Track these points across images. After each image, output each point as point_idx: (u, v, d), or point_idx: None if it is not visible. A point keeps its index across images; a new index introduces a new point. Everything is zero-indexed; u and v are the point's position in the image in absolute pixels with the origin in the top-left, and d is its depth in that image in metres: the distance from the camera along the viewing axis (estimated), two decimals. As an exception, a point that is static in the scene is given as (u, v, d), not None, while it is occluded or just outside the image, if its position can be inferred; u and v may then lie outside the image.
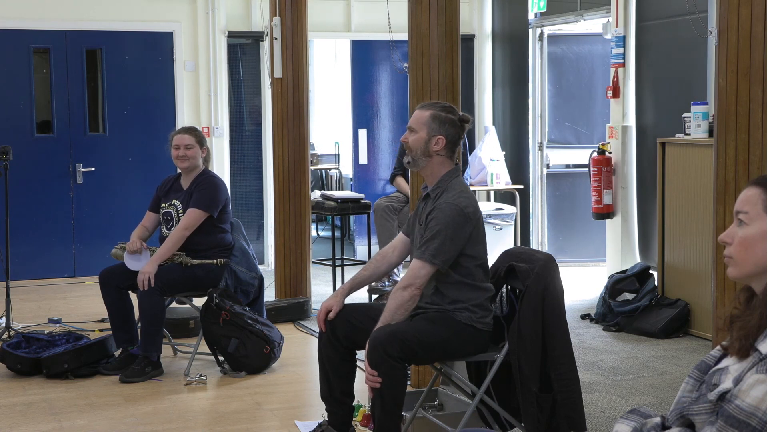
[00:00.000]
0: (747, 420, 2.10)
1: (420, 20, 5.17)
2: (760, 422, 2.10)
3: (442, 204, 4.07)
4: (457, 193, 4.12)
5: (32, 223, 8.96)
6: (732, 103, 3.74)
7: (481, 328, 4.09)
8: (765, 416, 2.10)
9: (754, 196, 2.23)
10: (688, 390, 2.34)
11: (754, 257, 2.21)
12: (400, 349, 3.87)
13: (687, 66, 7.60)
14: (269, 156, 9.16)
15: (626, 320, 6.80)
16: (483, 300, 4.11)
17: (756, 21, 3.63)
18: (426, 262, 4.01)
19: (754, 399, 2.10)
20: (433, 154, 4.15)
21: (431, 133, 4.14)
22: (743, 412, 2.11)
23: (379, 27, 8.32)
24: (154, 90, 9.36)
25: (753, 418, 2.09)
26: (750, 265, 2.22)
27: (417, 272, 4.02)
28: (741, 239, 2.23)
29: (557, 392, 4.00)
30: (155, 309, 5.59)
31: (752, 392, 2.11)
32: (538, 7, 9.38)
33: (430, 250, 4.01)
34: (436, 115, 4.17)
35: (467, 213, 4.06)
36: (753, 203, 2.22)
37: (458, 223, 4.03)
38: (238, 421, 4.90)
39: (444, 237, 4.01)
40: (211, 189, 5.84)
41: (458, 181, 4.20)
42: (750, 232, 2.22)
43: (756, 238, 2.20)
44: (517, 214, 9.46)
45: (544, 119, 9.62)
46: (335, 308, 4.18)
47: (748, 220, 2.23)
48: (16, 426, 4.85)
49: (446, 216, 4.03)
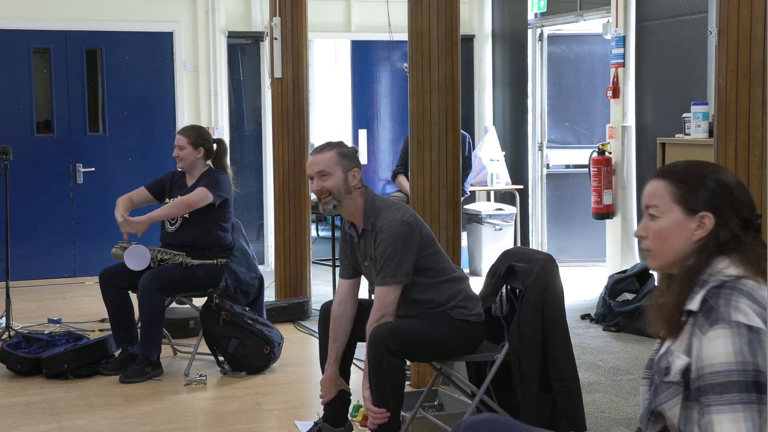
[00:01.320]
0: (727, 379, 2.10)
1: (420, 20, 5.17)
2: (740, 372, 2.10)
3: (384, 226, 4.05)
4: (390, 209, 4.11)
5: (32, 223, 8.96)
6: (732, 103, 3.74)
7: (474, 320, 4.11)
8: (743, 362, 2.10)
9: (660, 188, 2.32)
10: (645, 391, 2.36)
11: (670, 247, 2.31)
12: (400, 345, 3.90)
13: (687, 66, 7.60)
14: (269, 156, 9.17)
15: (626, 320, 6.80)
16: (466, 291, 4.15)
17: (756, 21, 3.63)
18: (389, 286, 4.02)
19: (721, 356, 2.12)
20: (352, 190, 4.14)
21: (346, 169, 4.13)
22: (719, 374, 2.12)
23: (379, 27, 8.32)
24: (154, 90, 9.36)
25: (732, 374, 2.10)
26: (669, 255, 2.31)
27: (384, 299, 4.03)
28: (655, 232, 2.32)
29: (557, 392, 4.00)
30: (155, 308, 5.59)
31: (715, 352, 2.13)
32: (538, 7, 9.38)
33: (390, 273, 4.01)
34: (340, 152, 4.15)
35: (409, 222, 4.06)
36: (660, 195, 2.31)
37: (404, 234, 4.03)
38: (238, 421, 4.90)
39: (398, 254, 4.01)
40: (216, 179, 5.84)
41: (380, 199, 4.20)
42: (663, 224, 2.31)
43: (670, 229, 2.30)
44: (517, 214, 9.46)
45: (544, 119, 9.62)
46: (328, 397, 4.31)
47: (658, 213, 2.31)
48: (16, 426, 4.85)
49: (390, 235, 4.02)
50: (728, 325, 2.13)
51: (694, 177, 2.30)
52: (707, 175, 2.29)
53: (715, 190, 2.27)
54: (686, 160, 2.40)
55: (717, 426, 2.09)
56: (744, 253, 2.25)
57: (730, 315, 2.14)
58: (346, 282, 4.30)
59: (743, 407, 2.08)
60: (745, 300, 2.16)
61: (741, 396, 2.09)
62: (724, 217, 2.26)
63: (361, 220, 4.15)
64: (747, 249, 2.25)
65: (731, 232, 2.25)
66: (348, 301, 4.27)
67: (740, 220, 2.27)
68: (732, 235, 2.25)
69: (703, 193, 2.27)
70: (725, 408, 2.09)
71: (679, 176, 2.31)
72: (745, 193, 2.31)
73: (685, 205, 2.28)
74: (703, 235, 2.26)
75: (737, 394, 2.09)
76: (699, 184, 2.28)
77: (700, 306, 2.20)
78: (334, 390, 4.29)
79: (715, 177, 2.29)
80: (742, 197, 2.29)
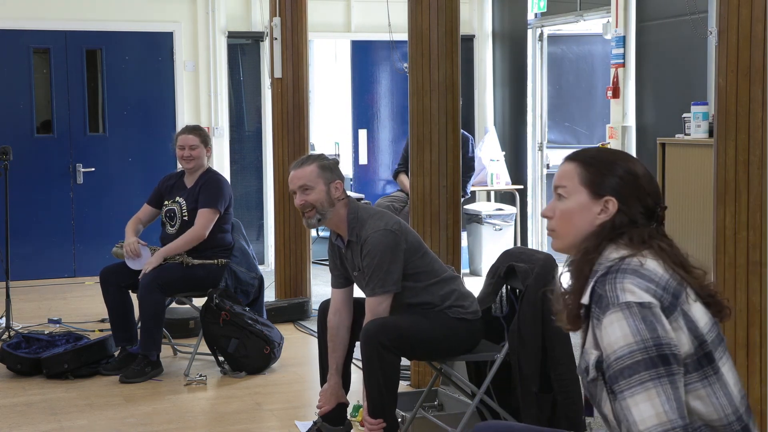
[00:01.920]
0: (630, 361, 2.10)
1: (420, 20, 5.17)
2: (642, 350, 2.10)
3: (369, 237, 4.06)
4: (373, 218, 4.11)
5: (32, 223, 8.95)
6: (732, 103, 3.74)
7: (471, 318, 4.13)
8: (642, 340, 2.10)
9: (570, 171, 2.36)
10: None
11: (574, 228, 2.33)
12: (393, 339, 3.91)
13: (687, 66, 7.60)
14: (269, 156, 9.16)
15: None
16: (459, 289, 4.16)
17: (756, 21, 3.63)
18: (379, 296, 4.04)
19: (619, 341, 2.12)
20: (335, 202, 4.14)
21: (328, 182, 4.13)
22: (622, 358, 2.12)
23: (379, 27, 8.31)
24: (154, 90, 9.36)
25: (634, 354, 2.10)
26: (571, 236, 2.34)
27: (375, 310, 4.05)
28: (561, 212, 2.36)
29: (557, 392, 4.00)
30: (156, 308, 5.59)
31: (612, 338, 2.13)
32: (538, 7, 9.38)
33: (379, 283, 4.03)
34: (321, 165, 4.16)
35: (393, 230, 4.07)
36: (570, 177, 2.35)
37: (389, 244, 4.04)
38: (238, 421, 4.90)
39: (386, 264, 4.02)
40: (217, 187, 5.85)
41: (364, 209, 4.20)
42: (569, 205, 2.34)
43: (575, 210, 2.33)
44: (517, 214, 9.46)
45: (543, 119, 9.62)
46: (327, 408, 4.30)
47: (566, 193, 2.35)
48: (17, 426, 4.85)
49: (377, 245, 4.03)
50: (618, 308, 2.15)
51: (604, 162, 2.33)
52: (616, 162, 2.33)
53: (622, 177, 2.30)
54: (590, 149, 2.45)
55: (633, 408, 2.09)
56: (630, 236, 2.27)
57: (618, 297, 2.16)
58: (339, 291, 4.31)
59: (653, 383, 2.08)
60: (630, 278, 2.18)
61: (649, 373, 2.09)
62: (627, 204, 2.29)
63: (346, 232, 4.15)
64: (634, 232, 2.28)
65: (630, 218, 2.29)
66: (343, 310, 4.28)
67: (643, 208, 2.31)
68: (629, 220, 2.29)
69: (611, 179, 2.30)
70: (637, 389, 2.09)
71: (589, 160, 2.35)
72: (652, 184, 2.35)
73: (591, 189, 2.31)
74: (605, 219, 2.29)
75: (645, 372, 2.09)
76: (608, 170, 2.32)
77: (590, 297, 2.23)
78: (334, 401, 4.30)
79: (624, 165, 2.33)
80: (647, 187, 2.33)
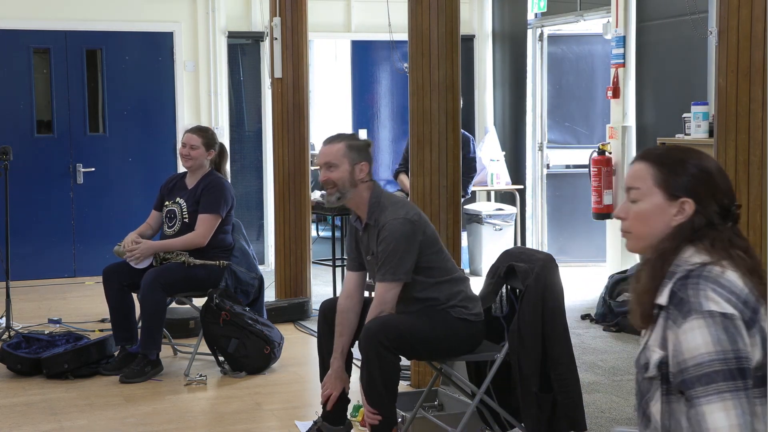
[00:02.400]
0: (710, 370, 2.10)
1: (420, 20, 5.17)
2: (722, 361, 2.10)
3: (387, 223, 4.06)
4: (394, 206, 4.12)
5: (32, 223, 8.95)
6: (732, 103, 3.74)
7: (473, 320, 4.12)
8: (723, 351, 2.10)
9: (642, 171, 2.33)
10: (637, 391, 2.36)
11: (650, 230, 2.31)
12: (392, 339, 3.89)
13: (687, 66, 7.60)
14: (269, 156, 9.17)
15: (626, 320, 6.80)
16: (467, 291, 4.15)
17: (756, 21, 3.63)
18: (389, 283, 4.03)
19: (700, 348, 2.12)
20: (358, 183, 4.15)
21: (353, 162, 4.14)
22: (701, 366, 2.11)
23: (379, 27, 8.32)
24: (154, 90, 9.36)
25: (714, 363, 2.10)
26: (648, 238, 2.32)
27: (384, 296, 4.04)
28: (636, 214, 2.33)
29: (557, 392, 4.00)
30: (158, 307, 5.59)
31: (692, 344, 2.13)
32: (538, 7, 9.38)
33: (390, 270, 4.02)
34: (351, 144, 4.17)
35: (412, 220, 4.07)
36: (642, 178, 2.32)
37: (407, 233, 4.04)
38: (238, 421, 4.90)
39: (400, 252, 4.02)
40: (219, 191, 5.83)
41: (386, 195, 4.21)
42: (644, 207, 2.32)
43: (650, 212, 2.31)
44: (517, 214, 9.46)
45: (543, 119, 9.62)
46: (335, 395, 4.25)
47: (640, 196, 2.32)
48: (17, 426, 4.85)
49: (393, 232, 4.03)
50: (701, 315, 2.13)
51: (676, 161, 2.30)
52: (689, 160, 2.30)
53: (696, 176, 2.28)
54: (659, 147, 2.41)
55: (708, 417, 2.09)
56: (711, 240, 2.25)
57: (702, 305, 2.14)
58: (354, 275, 4.30)
59: (731, 395, 2.09)
60: (713, 287, 2.16)
61: (727, 384, 2.09)
62: (703, 204, 2.27)
63: (366, 214, 4.16)
64: (715, 236, 2.26)
65: (707, 219, 2.26)
66: (355, 295, 4.26)
67: (719, 207, 2.28)
68: (707, 222, 2.26)
69: (685, 179, 2.28)
70: (714, 398, 2.09)
71: (661, 159, 2.32)
72: (726, 181, 2.32)
73: (666, 190, 2.29)
74: (682, 220, 2.27)
75: (723, 383, 2.09)
76: (681, 169, 2.29)
77: (669, 299, 2.21)
78: (340, 385, 4.25)
79: (697, 163, 2.30)
80: (722, 184, 2.30)
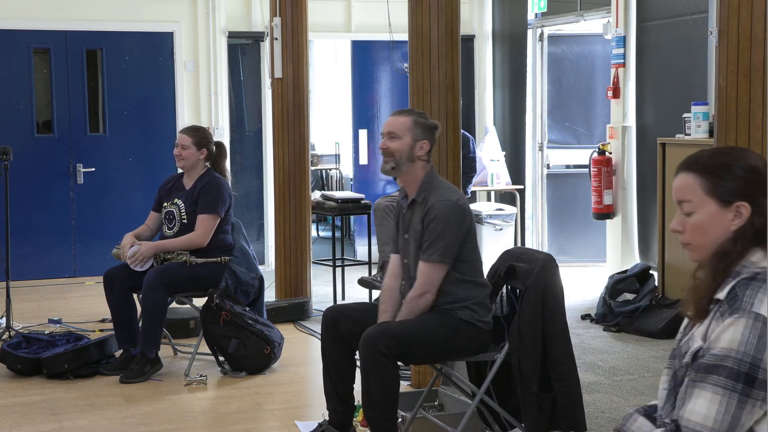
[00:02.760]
0: (720, 363, 2.12)
1: (420, 20, 5.17)
2: (736, 360, 2.12)
3: (437, 203, 4.07)
4: (446, 189, 4.15)
5: (32, 223, 8.96)
6: (732, 103, 3.74)
7: (482, 327, 4.09)
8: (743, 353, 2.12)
9: (689, 182, 2.31)
10: (664, 381, 2.37)
11: (710, 239, 2.29)
12: (392, 347, 3.86)
13: (687, 66, 7.60)
14: (269, 156, 9.17)
15: (626, 320, 6.80)
16: (483, 298, 4.12)
17: (756, 21, 3.63)
18: (437, 264, 4.02)
19: (725, 341, 2.14)
20: (416, 159, 4.17)
21: (415, 138, 4.16)
22: (717, 357, 2.14)
23: (379, 27, 8.32)
24: (154, 90, 9.36)
25: (727, 359, 2.12)
26: (709, 247, 2.30)
27: (429, 277, 4.03)
28: (693, 227, 2.31)
29: (557, 392, 4.00)
30: (159, 306, 5.59)
31: (723, 336, 2.15)
32: (538, 7, 9.38)
33: (439, 251, 4.01)
34: (418, 121, 4.19)
35: (463, 207, 4.10)
36: (692, 189, 2.30)
37: (457, 217, 4.06)
38: (238, 421, 4.90)
39: (449, 235, 4.02)
40: (216, 191, 5.83)
41: (440, 179, 4.24)
42: (699, 218, 2.30)
43: (708, 221, 2.29)
44: (517, 214, 9.46)
45: (544, 119, 9.62)
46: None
47: (693, 208, 2.30)
48: (17, 426, 4.85)
49: (445, 214, 4.04)
50: (747, 315, 2.14)
51: (721, 166, 2.27)
52: (734, 163, 2.27)
53: (744, 178, 2.25)
54: (710, 149, 2.37)
55: (692, 400, 2.14)
56: None
57: (752, 305, 2.15)
58: (397, 257, 4.30)
59: (723, 392, 2.11)
60: None
61: (726, 381, 2.11)
62: (758, 204, 2.25)
63: (415, 191, 4.16)
64: None
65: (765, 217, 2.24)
66: (400, 275, 4.27)
67: None
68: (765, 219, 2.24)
69: (734, 183, 2.25)
70: (708, 387, 2.13)
71: (706, 167, 2.29)
72: None
73: (718, 197, 2.26)
74: (741, 224, 2.25)
75: (724, 378, 2.12)
76: (728, 174, 2.26)
77: (726, 294, 2.22)
78: None
79: (743, 163, 2.27)
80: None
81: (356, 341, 4.13)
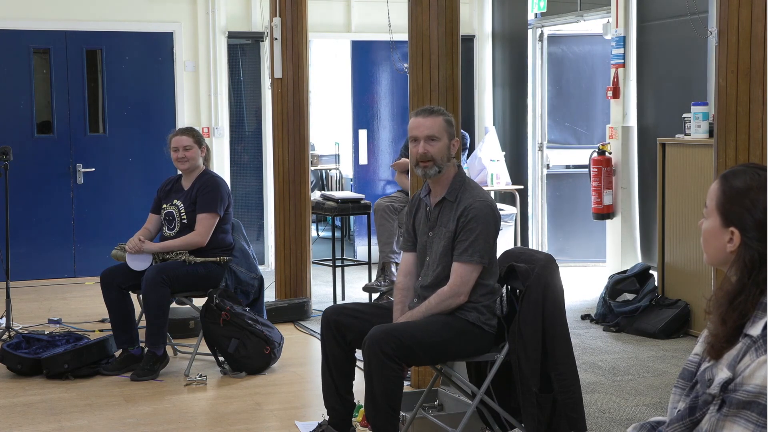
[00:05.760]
0: (754, 399, 2.12)
1: (420, 20, 5.17)
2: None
3: (475, 203, 4.05)
4: (478, 189, 4.16)
5: (32, 223, 8.96)
6: (732, 103, 3.74)
7: (487, 330, 4.09)
8: None
9: (714, 191, 2.30)
10: (676, 401, 2.35)
11: (709, 248, 2.31)
12: (395, 348, 3.84)
13: (687, 66, 7.60)
14: (269, 156, 9.17)
15: (626, 321, 6.80)
16: (492, 302, 4.12)
17: (756, 21, 3.63)
18: (475, 265, 4.02)
19: (759, 378, 2.13)
20: (451, 159, 4.18)
21: (450, 138, 4.17)
22: (750, 393, 2.13)
23: (379, 27, 8.32)
24: (154, 90, 9.36)
25: (761, 396, 2.12)
26: (711, 256, 2.31)
27: (467, 277, 4.02)
28: (703, 231, 2.32)
29: (557, 392, 4.00)
30: (161, 302, 5.59)
31: (757, 373, 2.14)
32: (538, 7, 9.38)
33: (478, 252, 4.00)
34: (447, 119, 4.19)
35: (494, 208, 4.11)
36: (711, 198, 2.30)
37: (496, 218, 4.09)
38: (238, 421, 4.90)
39: (486, 235, 4.02)
40: (214, 190, 5.85)
41: (470, 180, 4.24)
42: (706, 226, 2.31)
43: (709, 232, 2.30)
44: (517, 214, 9.46)
45: (544, 119, 9.62)
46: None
47: (706, 214, 2.30)
48: (17, 426, 4.85)
49: (483, 215, 4.03)
50: None
51: (739, 190, 2.25)
52: (748, 193, 2.24)
53: (749, 210, 2.23)
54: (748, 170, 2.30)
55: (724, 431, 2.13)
56: None
57: None
58: (411, 255, 4.30)
59: (755, 428, 2.11)
60: None
61: (759, 418, 2.11)
62: (749, 237, 2.22)
63: (446, 189, 4.14)
64: None
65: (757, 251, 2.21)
66: (414, 273, 4.27)
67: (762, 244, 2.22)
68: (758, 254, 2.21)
69: (737, 210, 2.24)
70: (740, 422, 2.13)
71: (729, 183, 2.27)
72: None
73: (723, 215, 2.26)
74: (733, 249, 2.24)
75: (756, 415, 2.12)
76: (738, 199, 2.24)
77: (762, 330, 2.17)
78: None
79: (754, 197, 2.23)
80: None
81: (357, 341, 4.14)
